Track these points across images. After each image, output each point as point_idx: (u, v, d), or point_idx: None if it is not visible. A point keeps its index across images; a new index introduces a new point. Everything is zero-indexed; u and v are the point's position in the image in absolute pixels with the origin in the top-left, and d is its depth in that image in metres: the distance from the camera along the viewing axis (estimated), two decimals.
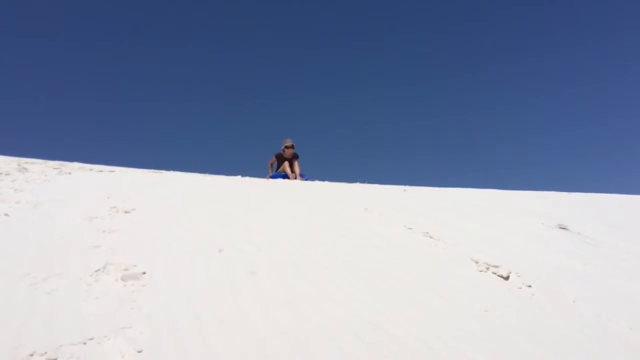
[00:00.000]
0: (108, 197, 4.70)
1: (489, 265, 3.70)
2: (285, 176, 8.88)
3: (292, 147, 9.10)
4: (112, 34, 28.31)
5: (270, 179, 8.49)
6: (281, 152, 9.12)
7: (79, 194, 4.91)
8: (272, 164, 9.29)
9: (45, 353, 1.99)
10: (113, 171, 6.94)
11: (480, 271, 3.62)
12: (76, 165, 7.06)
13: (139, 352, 2.05)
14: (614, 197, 9.67)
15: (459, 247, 4.20)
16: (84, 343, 2.08)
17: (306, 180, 8.78)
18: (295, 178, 8.91)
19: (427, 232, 4.53)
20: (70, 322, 2.24)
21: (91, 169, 6.84)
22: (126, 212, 4.18)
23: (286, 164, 9.02)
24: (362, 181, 8.42)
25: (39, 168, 6.23)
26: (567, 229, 5.53)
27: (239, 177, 7.86)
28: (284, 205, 5.32)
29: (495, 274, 3.58)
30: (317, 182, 8.05)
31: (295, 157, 9.14)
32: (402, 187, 8.13)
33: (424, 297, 3.01)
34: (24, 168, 6.07)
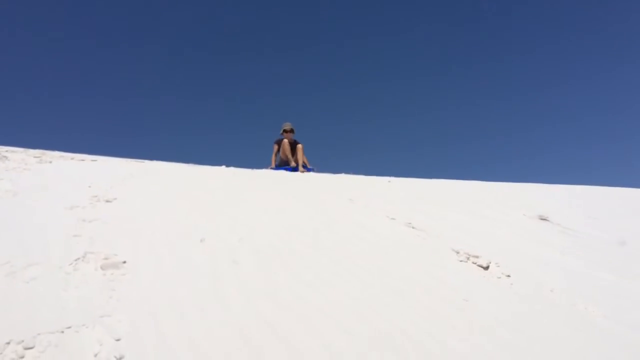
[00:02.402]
0: (89, 186, 4.65)
1: (469, 255, 3.74)
2: (291, 169, 8.21)
3: (292, 131, 8.53)
4: (96, 23, 27.90)
5: (272, 170, 8.06)
6: (280, 137, 8.57)
7: (60, 183, 4.85)
8: (276, 154, 8.62)
9: (22, 341, 1.97)
10: (95, 160, 6.86)
11: (461, 261, 3.66)
12: (57, 154, 6.95)
13: (117, 340, 2.05)
14: (595, 189, 9.81)
15: (440, 237, 4.24)
16: (62, 332, 2.06)
17: (309, 171, 8.29)
18: (296, 168, 8.31)
19: (410, 223, 4.56)
20: (48, 311, 2.22)
21: (72, 158, 6.75)
22: (107, 201, 4.14)
23: (287, 149, 8.38)
24: (347, 172, 8.45)
25: (19, 157, 6.13)
26: (547, 220, 5.60)
27: (223, 167, 7.82)
28: (268, 195, 5.32)
29: (475, 264, 3.62)
30: (307, 174, 8.00)
31: (296, 143, 8.52)
32: (387, 178, 8.17)
33: (405, 286, 3.04)
34: (4, 156, 5.97)
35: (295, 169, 8.28)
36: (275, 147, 8.56)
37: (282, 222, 4.12)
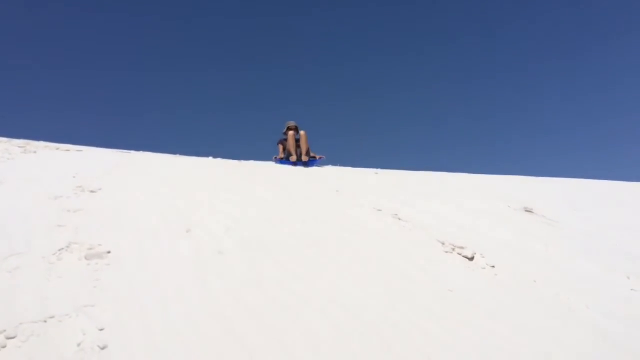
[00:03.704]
0: (74, 177, 4.61)
1: (454, 246, 3.76)
2: (291, 164, 7.86)
3: (296, 129, 8.10)
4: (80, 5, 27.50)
5: (279, 164, 7.84)
6: (284, 137, 8.20)
7: (44, 173, 4.80)
8: (283, 148, 8.21)
9: (4, 331, 1.96)
10: (80, 151, 6.80)
11: (447, 252, 3.68)
12: (42, 144, 6.89)
13: (101, 330, 2.04)
14: (581, 182, 9.90)
15: (426, 229, 4.26)
16: (45, 321, 2.05)
17: (313, 163, 7.95)
18: (300, 160, 7.88)
19: (396, 214, 4.58)
20: (31, 301, 2.21)
21: (57, 148, 6.68)
22: (92, 191, 4.11)
23: (292, 143, 7.93)
24: (335, 164, 8.45)
25: (3, 147, 6.06)
26: (532, 212, 5.65)
27: (210, 158, 7.79)
28: (255, 186, 5.31)
29: (460, 254, 3.65)
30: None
31: (297, 130, 8.08)
32: (374, 170, 8.18)
33: (390, 277, 3.06)
34: None
35: (297, 163, 7.91)
36: (280, 147, 8.23)
37: (268, 213, 4.12)
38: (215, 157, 7.92)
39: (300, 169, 7.42)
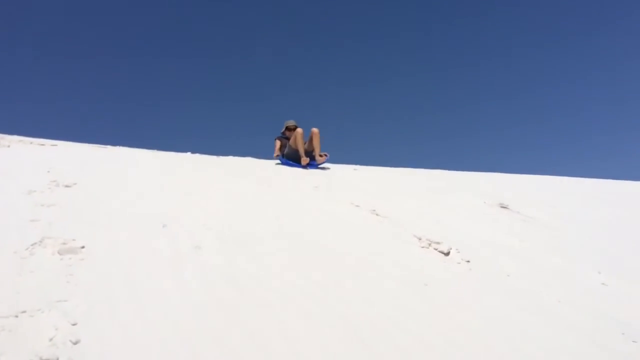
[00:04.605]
0: (48, 171, 4.54)
1: (431, 241, 3.80)
2: (301, 166, 7.10)
3: (295, 128, 7.35)
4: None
5: (284, 165, 7.23)
6: (282, 135, 7.60)
7: (18, 167, 4.73)
8: (280, 149, 7.56)
9: None
10: (55, 145, 6.70)
11: (423, 247, 3.72)
12: (16, 138, 6.76)
13: (74, 325, 2.02)
14: (556, 179, 10.08)
15: (403, 224, 4.30)
16: (16, 316, 2.02)
17: (314, 166, 7.26)
18: (313, 162, 7.19)
19: (374, 210, 4.61)
20: (2, 296, 2.17)
21: (31, 142, 6.58)
22: (67, 186, 4.05)
23: (301, 142, 7.13)
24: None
25: None
26: (507, 208, 5.74)
27: (188, 153, 7.74)
28: (232, 181, 5.29)
29: (436, 250, 3.69)
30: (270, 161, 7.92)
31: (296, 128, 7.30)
32: (352, 166, 8.22)
33: (366, 271, 3.08)
34: None
35: (309, 165, 7.19)
36: (278, 143, 7.53)
37: (246, 208, 4.11)
38: (193, 152, 7.87)
39: (280, 165, 7.40)
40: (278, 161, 7.46)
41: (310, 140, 7.26)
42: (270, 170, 6.66)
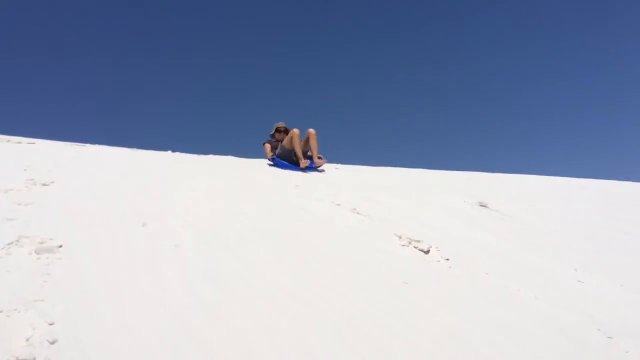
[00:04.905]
0: (25, 170, 4.47)
1: (411, 240, 3.83)
2: (298, 168, 6.83)
3: (286, 131, 7.14)
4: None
5: (279, 167, 6.96)
6: (271, 139, 7.38)
7: None
8: (271, 150, 7.26)
9: None
10: (33, 143, 6.60)
11: (403, 245, 3.75)
12: None
13: (51, 324, 1.99)
14: (536, 178, 10.22)
15: (384, 222, 4.32)
16: None
17: (312, 168, 7.01)
18: (310, 165, 6.90)
19: (355, 208, 4.63)
20: None
21: (8, 140, 6.47)
22: (44, 184, 4.00)
23: (298, 142, 6.87)
24: None
25: None
26: (486, 207, 5.80)
27: (169, 152, 7.69)
28: (213, 179, 5.27)
29: (416, 248, 3.72)
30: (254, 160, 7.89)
31: (287, 132, 7.12)
32: (334, 165, 8.24)
33: (347, 269, 3.09)
34: None
35: (307, 168, 6.95)
36: (267, 146, 7.25)
37: (226, 207, 4.10)
38: (174, 151, 7.82)
39: (261, 163, 7.38)
40: (270, 162, 7.20)
41: (307, 141, 7.03)
42: (251, 169, 6.65)
